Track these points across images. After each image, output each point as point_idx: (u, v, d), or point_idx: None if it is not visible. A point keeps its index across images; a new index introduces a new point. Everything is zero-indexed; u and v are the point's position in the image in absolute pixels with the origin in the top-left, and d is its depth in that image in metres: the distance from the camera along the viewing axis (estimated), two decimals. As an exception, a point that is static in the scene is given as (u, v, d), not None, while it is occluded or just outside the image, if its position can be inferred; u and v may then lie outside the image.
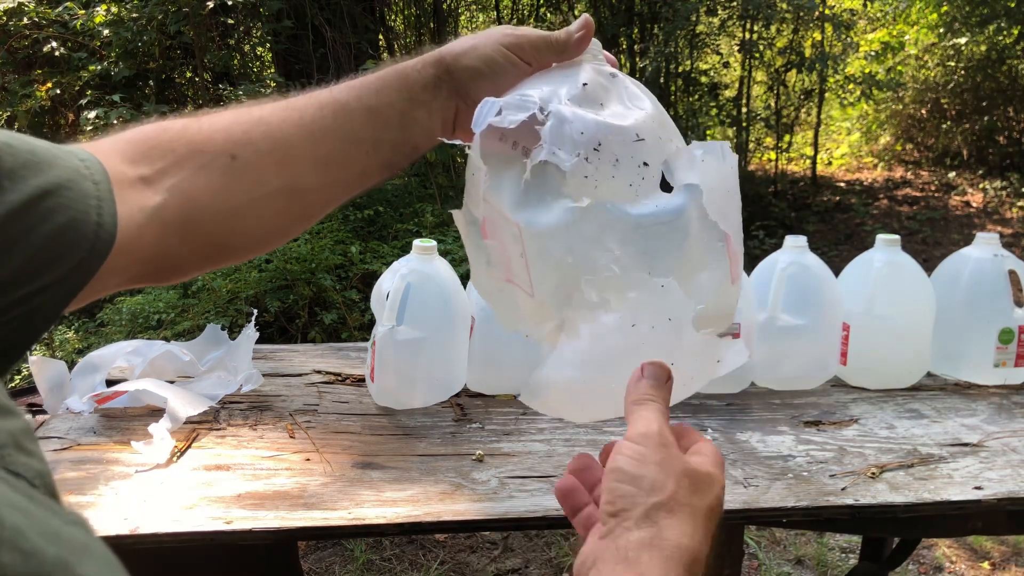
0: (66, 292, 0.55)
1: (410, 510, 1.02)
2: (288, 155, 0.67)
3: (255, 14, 4.99)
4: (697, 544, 0.52)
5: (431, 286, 1.30)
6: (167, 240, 0.62)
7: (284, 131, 0.67)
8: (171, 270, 0.68)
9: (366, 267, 3.62)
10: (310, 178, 0.68)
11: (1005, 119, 7.56)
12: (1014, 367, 1.44)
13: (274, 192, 0.67)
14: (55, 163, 0.55)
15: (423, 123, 0.69)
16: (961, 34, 7.39)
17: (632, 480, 0.53)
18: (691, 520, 0.52)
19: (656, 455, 0.54)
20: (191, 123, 0.66)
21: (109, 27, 4.33)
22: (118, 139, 0.65)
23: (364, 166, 0.70)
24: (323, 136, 0.67)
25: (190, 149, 0.64)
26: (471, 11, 7.62)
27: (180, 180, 0.63)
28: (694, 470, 0.54)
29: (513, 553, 2.48)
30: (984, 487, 1.11)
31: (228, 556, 1.06)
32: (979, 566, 2.45)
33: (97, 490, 1.04)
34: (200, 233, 0.65)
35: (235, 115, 0.68)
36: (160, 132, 0.65)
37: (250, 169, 0.65)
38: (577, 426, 1.26)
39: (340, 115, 0.68)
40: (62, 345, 3.49)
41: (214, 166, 0.64)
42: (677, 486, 0.53)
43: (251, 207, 0.66)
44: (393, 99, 0.68)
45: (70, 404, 1.27)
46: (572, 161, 0.61)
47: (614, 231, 0.61)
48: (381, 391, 1.31)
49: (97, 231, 0.56)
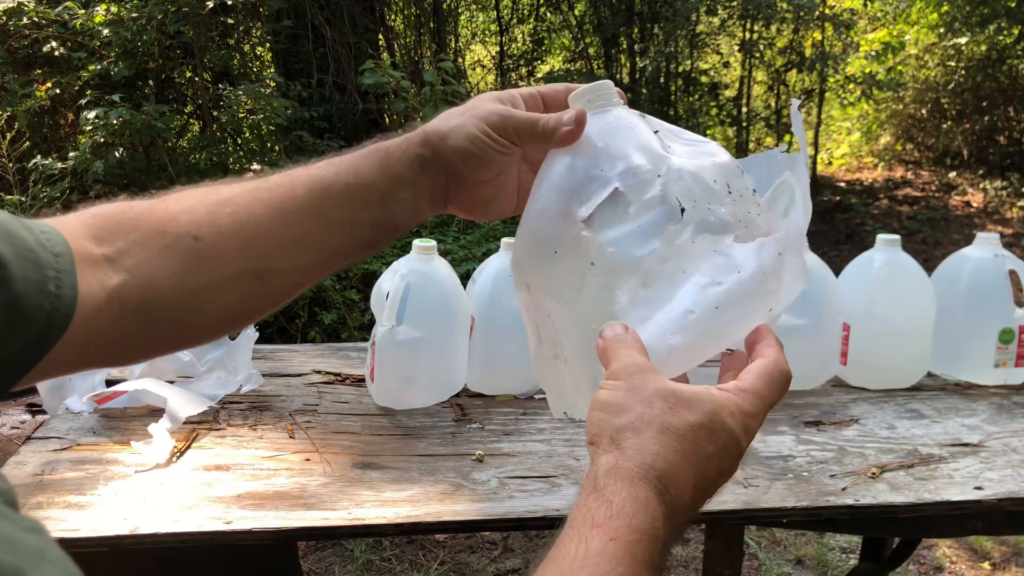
0: (23, 365, 0.53)
1: (410, 510, 1.02)
2: (255, 236, 0.64)
3: (255, 14, 4.98)
4: (667, 462, 0.50)
5: (431, 286, 1.30)
6: (125, 323, 0.60)
7: (251, 211, 0.64)
8: (127, 353, 0.66)
9: (366, 267, 3.62)
10: (278, 260, 0.65)
11: (1005, 119, 7.56)
12: (1014, 367, 1.44)
13: (237, 275, 0.63)
14: (10, 231, 0.53)
15: (407, 202, 0.66)
16: (961, 34, 7.39)
17: (603, 407, 0.54)
18: (659, 438, 0.51)
19: (627, 382, 0.53)
20: (157, 203, 0.65)
21: (109, 27, 4.32)
22: (84, 214, 0.63)
23: (339, 246, 0.66)
24: (294, 216, 0.64)
25: (154, 229, 0.62)
26: (471, 11, 7.62)
27: (140, 261, 0.61)
28: (672, 390, 0.53)
29: (513, 553, 2.47)
30: (984, 487, 1.11)
31: (228, 556, 1.06)
32: (979, 566, 2.45)
33: (97, 490, 1.04)
34: (159, 318, 0.62)
35: (203, 194, 0.66)
36: (126, 210, 0.63)
37: (212, 251, 0.62)
38: (577, 426, 1.26)
39: (315, 193, 0.65)
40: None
41: (176, 247, 0.62)
42: (646, 406, 0.52)
43: (212, 291, 0.63)
44: (374, 177, 0.65)
45: (70, 404, 1.27)
46: (728, 211, 0.60)
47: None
48: (381, 391, 1.31)
49: (55, 303, 0.54)
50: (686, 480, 0.51)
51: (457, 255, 3.55)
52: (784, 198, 0.64)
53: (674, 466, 0.50)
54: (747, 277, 0.58)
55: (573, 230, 0.60)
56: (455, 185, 0.67)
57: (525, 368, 1.37)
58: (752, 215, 0.62)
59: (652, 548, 0.48)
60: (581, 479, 0.55)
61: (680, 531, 0.53)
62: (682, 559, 2.43)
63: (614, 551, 0.47)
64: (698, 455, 0.51)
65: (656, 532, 0.49)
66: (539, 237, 0.62)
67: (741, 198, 0.62)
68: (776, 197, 0.65)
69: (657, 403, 0.52)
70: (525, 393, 1.38)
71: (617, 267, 0.59)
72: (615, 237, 0.59)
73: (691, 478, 0.51)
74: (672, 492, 0.50)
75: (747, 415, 0.54)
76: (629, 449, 0.51)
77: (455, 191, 0.67)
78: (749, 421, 0.54)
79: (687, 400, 0.52)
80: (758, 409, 0.54)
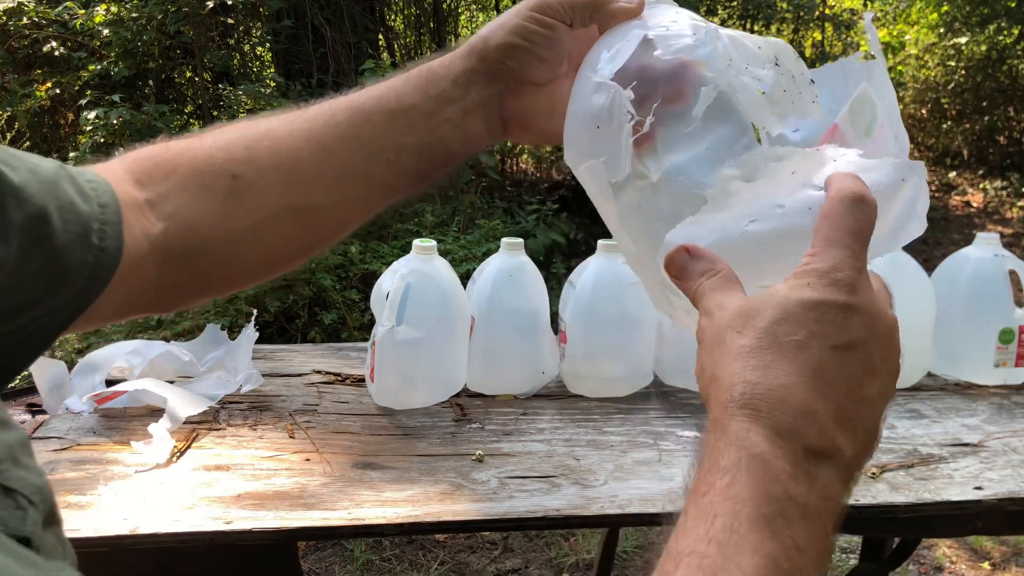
0: (62, 319, 0.53)
1: (410, 510, 1.02)
2: (294, 171, 0.60)
3: (255, 14, 4.98)
4: (747, 383, 0.41)
5: (431, 286, 1.30)
6: (168, 270, 0.59)
7: (289, 144, 0.60)
8: (172, 300, 0.64)
9: (366, 267, 3.62)
10: (320, 196, 0.61)
11: (1005, 119, 7.56)
12: (1014, 367, 1.44)
13: (279, 214, 0.60)
14: (57, 184, 0.51)
15: (456, 122, 0.61)
16: (961, 34, 7.39)
17: (696, 373, 0.48)
18: (736, 364, 0.42)
19: (705, 338, 0.47)
20: (195, 141, 0.62)
21: (109, 27, 4.32)
22: (125, 159, 0.61)
23: (385, 178, 0.62)
24: (335, 147, 0.60)
25: (192, 169, 0.60)
26: (471, 11, 7.62)
27: (181, 205, 0.59)
28: (738, 310, 0.44)
29: (513, 553, 2.47)
30: (984, 487, 1.11)
31: (228, 556, 1.06)
32: (979, 566, 2.45)
33: (97, 490, 1.04)
34: (202, 264, 0.60)
35: (242, 128, 0.62)
36: (164, 151, 0.61)
37: (252, 190, 0.59)
38: (577, 426, 1.26)
39: (356, 121, 0.61)
40: (62, 345, 3.49)
41: (214, 188, 0.59)
42: (720, 351, 0.44)
43: (254, 232, 0.60)
44: (417, 99, 0.60)
45: (70, 404, 1.27)
46: (770, 74, 0.53)
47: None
48: (381, 391, 1.31)
49: (99, 256, 0.53)
50: (788, 386, 0.40)
51: (457, 255, 3.55)
52: (865, 113, 0.54)
53: (760, 380, 0.41)
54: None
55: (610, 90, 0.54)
56: (508, 95, 0.62)
57: (525, 368, 1.37)
58: (804, 99, 0.54)
59: (752, 478, 0.39)
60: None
61: (834, 447, 0.40)
62: (682, 559, 2.43)
63: (695, 511, 0.39)
64: (789, 351, 0.41)
65: (757, 455, 0.39)
66: (582, 112, 0.57)
67: (793, 80, 0.54)
68: (856, 112, 0.55)
69: (729, 336, 0.44)
70: (525, 393, 1.38)
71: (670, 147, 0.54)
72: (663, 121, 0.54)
73: (796, 378, 0.40)
74: (777, 412, 0.40)
75: (834, 269, 0.42)
76: (716, 398, 0.43)
77: (509, 102, 0.62)
78: (839, 274, 0.42)
79: (750, 311, 0.43)
80: (844, 250, 0.43)
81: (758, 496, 0.38)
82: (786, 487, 0.39)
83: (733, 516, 0.38)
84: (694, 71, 0.56)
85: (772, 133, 0.54)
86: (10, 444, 0.38)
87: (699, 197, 0.52)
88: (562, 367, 1.40)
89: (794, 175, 0.49)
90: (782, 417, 0.40)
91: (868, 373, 0.42)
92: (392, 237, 4.02)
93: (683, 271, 0.48)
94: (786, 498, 0.38)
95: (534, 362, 1.37)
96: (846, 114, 0.55)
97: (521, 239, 1.41)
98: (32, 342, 0.51)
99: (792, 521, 0.38)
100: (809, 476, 0.39)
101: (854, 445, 0.41)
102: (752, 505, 0.38)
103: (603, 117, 0.54)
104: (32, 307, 0.50)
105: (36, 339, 0.51)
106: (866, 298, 0.43)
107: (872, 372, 0.42)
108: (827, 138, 0.55)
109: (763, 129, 0.55)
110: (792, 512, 0.38)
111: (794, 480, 0.39)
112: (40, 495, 0.38)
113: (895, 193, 0.48)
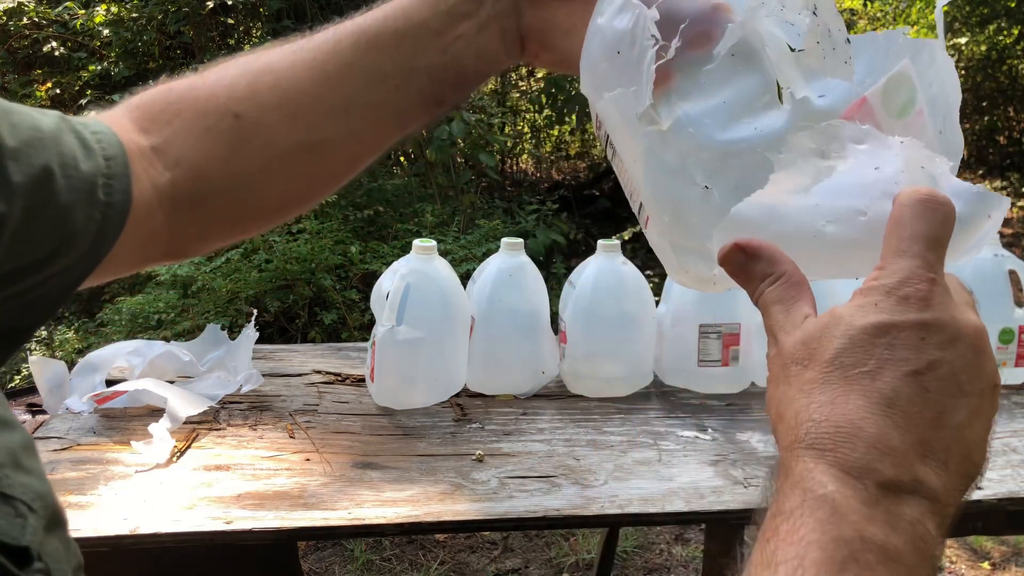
0: (75, 276, 0.51)
1: (410, 510, 1.02)
2: (300, 105, 0.56)
3: (255, 14, 4.99)
4: (814, 423, 0.37)
5: (431, 286, 1.30)
6: (178, 218, 0.57)
7: (293, 77, 0.56)
8: (186, 248, 0.62)
9: (366, 267, 3.62)
10: (329, 130, 0.57)
11: (1005, 119, 7.56)
12: (1014, 367, 1.44)
13: (287, 152, 0.57)
14: (59, 139, 0.50)
15: (469, 39, 0.56)
16: (961, 34, 7.39)
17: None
18: (803, 401, 0.39)
19: (773, 373, 0.42)
20: (197, 80, 0.59)
21: (109, 27, 4.33)
22: (129, 105, 0.59)
23: (395, 105, 0.57)
24: (340, 76, 0.56)
25: (195, 111, 0.57)
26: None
27: (187, 151, 0.56)
28: (800, 341, 0.40)
29: (513, 553, 2.47)
30: (984, 487, 1.11)
31: (228, 556, 1.06)
32: (979, 566, 2.45)
33: (97, 490, 1.04)
34: (212, 210, 0.58)
35: (245, 63, 0.58)
36: (167, 93, 0.59)
37: (257, 128, 0.56)
38: (577, 426, 1.26)
39: (361, 46, 0.56)
40: (62, 345, 3.50)
41: (219, 129, 0.56)
42: (785, 383, 0.40)
43: (263, 173, 0.58)
44: (426, 15, 0.56)
45: (70, 404, 1.27)
46: (806, 21, 0.48)
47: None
48: (381, 391, 1.31)
49: (106, 212, 0.51)
50: (857, 421, 0.36)
51: (457, 255, 3.55)
52: (901, 93, 0.49)
53: (827, 417, 0.37)
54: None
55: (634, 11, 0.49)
56: (526, 7, 0.56)
57: (525, 368, 1.38)
58: (837, 57, 0.49)
59: (817, 520, 0.35)
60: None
61: (917, 481, 0.36)
62: (682, 559, 2.43)
63: (759, 558, 0.36)
64: (858, 383, 0.37)
65: (822, 496, 0.35)
66: (602, 36, 0.52)
67: (829, 34, 0.49)
68: (891, 90, 0.49)
69: (793, 370, 0.39)
70: (525, 393, 1.38)
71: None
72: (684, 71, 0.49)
73: (866, 412, 0.36)
74: (844, 448, 0.36)
75: (903, 284, 0.39)
76: (782, 439, 0.39)
77: (527, 15, 0.57)
78: (909, 289, 0.38)
79: (812, 340, 0.39)
80: (915, 260, 0.39)
81: (825, 540, 0.34)
82: (859, 528, 0.34)
83: (798, 562, 0.34)
84: (724, 15, 0.51)
85: (796, 95, 0.49)
86: (12, 448, 0.37)
87: (716, 155, 0.48)
88: (562, 367, 1.40)
89: (877, 171, 0.43)
90: (850, 454, 0.36)
91: (953, 395, 0.38)
92: (392, 237, 4.02)
93: (742, 272, 0.44)
94: (859, 540, 0.34)
95: (534, 362, 1.37)
96: (879, 89, 0.49)
97: (521, 239, 1.41)
98: (44, 301, 0.50)
99: (871, 567, 0.34)
100: (889, 515, 0.35)
101: (944, 477, 0.37)
102: (819, 549, 0.34)
103: (625, 42, 0.49)
104: (42, 267, 0.49)
105: (48, 298, 0.50)
106: (943, 312, 0.39)
107: (959, 393, 0.38)
108: (853, 111, 0.49)
109: (787, 89, 0.50)
110: (870, 556, 0.34)
111: (870, 520, 0.35)
112: (41, 501, 0.37)
113: (978, 227, 0.44)
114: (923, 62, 0.49)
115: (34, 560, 0.35)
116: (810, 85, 0.50)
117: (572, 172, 6.95)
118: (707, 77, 0.50)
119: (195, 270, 3.43)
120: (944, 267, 0.40)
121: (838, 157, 0.43)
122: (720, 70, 0.50)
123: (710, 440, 1.23)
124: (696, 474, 1.12)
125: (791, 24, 0.49)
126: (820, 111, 0.50)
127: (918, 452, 0.36)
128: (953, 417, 0.38)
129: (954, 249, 0.42)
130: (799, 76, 0.49)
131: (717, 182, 0.48)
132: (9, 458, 0.37)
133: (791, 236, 0.43)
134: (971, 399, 0.38)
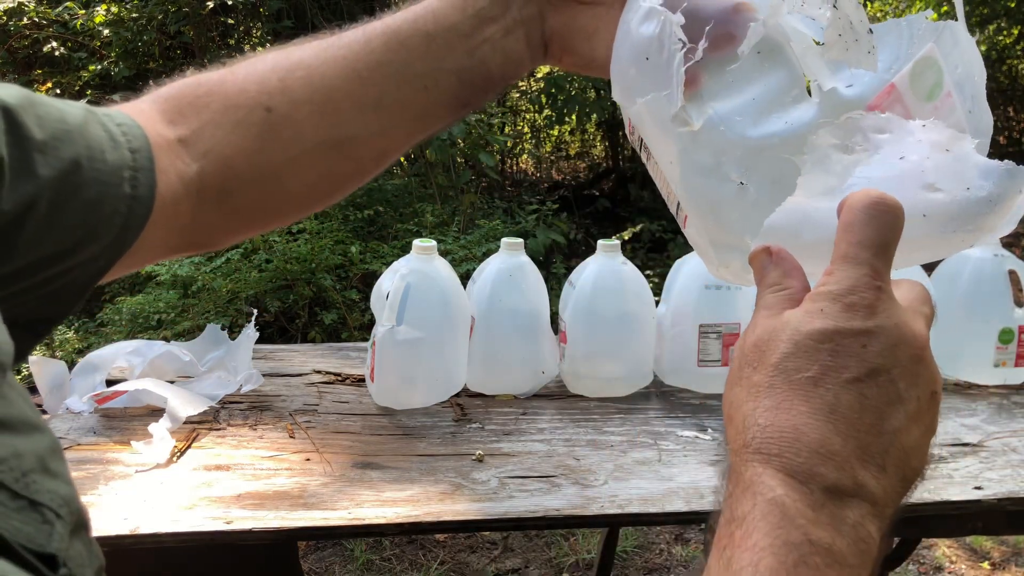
0: (100, 267, 0.52)
1: (410, 510, 1.02)
2: (329, 101, 0.57)
3: (255, 14, 4.99)
4: (759, 427, 0.39)
5: (431, 286, 1.30)
6: (205, 210, 0.57)
7: (323, 73, 0.58)
8: (211, 239, 0.62)
9: (366, 267, 3.62)
10: (357, 127, 0.58)
11: (1005, 119, 7.56)
12: (1014, 367, 1.44)
13: (315, 147, 0.58)
14: (86, 131, 0.50)
15: (496, 43, 0.58)
16: (961, 34, 7.38)
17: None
18: (750, 405, 0.40)
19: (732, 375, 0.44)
20: (227, 73, 0.59)
21: (109, 27, 4.33)
22: (156, 96, 0.59)
23: (424, 106, 0.59)
24: (370, 75, 0.58)
25: (225, 103, 0.58)
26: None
27: (215, 143, 0.57)
28: (752, 344, 0.42)
29: (513, 553, 2.47)
30: (984, 487, 1.11)
31: (228, 556, 1.06)
32: (979, 566, 2.45)
33: (97, 490, 1.04)
34: (239, 202, 0.59)
35: (275, 59, 0.59)
36: (196, 86, 0.59)
37: (287, 123, 0.57)
38: (577, 426, 1.26)
39: (391, 46, 0.58)
40: (62, 345, 3.49)
41: (249, 122, 0.57)
42: (739, 387, 0.42)
43: (290, 167, 0.58)
44: (455, 19, 0.57)
45: (70, 404, 1.27)
46: (827, 14, 0.48)
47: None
48: (381, 391, 1.31)
49: (131, 204, 0.51)
50: (800, 427, 0.38)
51: (457, 255, 3.55)
52: (928, 77, 0.49)
53: (771, 422, 0.38)
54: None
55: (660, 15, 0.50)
56: (551, 11, 0.58)
57: (525, 368, 1.38)
58: (860, 48, 0.49)
59: (769, 524, 0.36)
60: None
61: (857, 484, 0.37)
62: (682, 559, 2.43)
63: (716, 565, 0.38)
64: (801, 388, 0.39)
65: (772, 500, 0.37)
66: (630, 44, 0.52)
67: (851, 26, 0.49)
68: (919, 74, 0.49)
69: (745, 372, 0.41)
70: (525, 393, 1.38)
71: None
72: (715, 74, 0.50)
73: (808, 418, 0.38)
74: (789, 453, 0.38)
75: (849, 292, 0.39)
76: (732, 442, 0.41)
77: (552, 19, 0.58)
78: (854, 297, 0.39)
79: (763, 343, 0.41)
80: (861, 268, 0.40)
81: (777, 544, 0.36)
82: (807, 532, 0.36)
83: (753, 569, 0.35)
84: (746, 14, 0.52)
85: (824, 87, 0.50)
86: (40, 452, 0.37)
87: (749, 151, 0.48)
88: (562, 367, 1.40)
89: (903, 160, 0.43)
90: (794, 458, 0.37)
91: (891, 402, 0.39)
92: (392, 237, 4.02)
93: (758, 273, 0.45)
94: (808, 543, 0.36)
95: (534, 362, 1.37)
96: (906, 75, 0.49)
97: (521, 239, 1.41)
98: (67, 293, 0.50)
99: (819, 569, 0.35)
100: (834, 519, 0.37)
101: (883, 480, 0.38)
102: (772, 555, 0.35)
103: (653, 47, 0.50)
104: (65, 258, 0.49)
105: (71, 289, 0.51)
106: (887, 320, 0.39)
107: (896, 400, 0.39)
108: (882, 98, 0.50)
109: (814, 81, 0.51)
110: (818, 559, 0.35)
111: (816, 524, 0.36)
112: (68, 506, 0.37)
113: (1011, 202, 0.43)
114: (947, 44, 0.49)
115: (60, 567, 0.35)
116: (837, 76, 0.50)
117: (572, 172, 6.95)
118: (734, 76, 0.51)
119: (195, 270, 3.43)
120: (891, 272, 0.41)
121: (862, 150, 0.44)
122: (746, 68, 0.51)
123: (710, 440, 1.23)
124: (696, 474, 1.12)
125: (812, 19, 0.50)
126: (849, 100, 0.50)
127: (858, 457, 0.38)
128: (890, 423, 0.39)
129: (991, 225, 0.43)
130: (825, 68, 0.50)
131: (752, 178, 0.49)
132: (38, 463, 0.36)
133: (827, 242, 0.42)
134: (908, 405, 0.39)
